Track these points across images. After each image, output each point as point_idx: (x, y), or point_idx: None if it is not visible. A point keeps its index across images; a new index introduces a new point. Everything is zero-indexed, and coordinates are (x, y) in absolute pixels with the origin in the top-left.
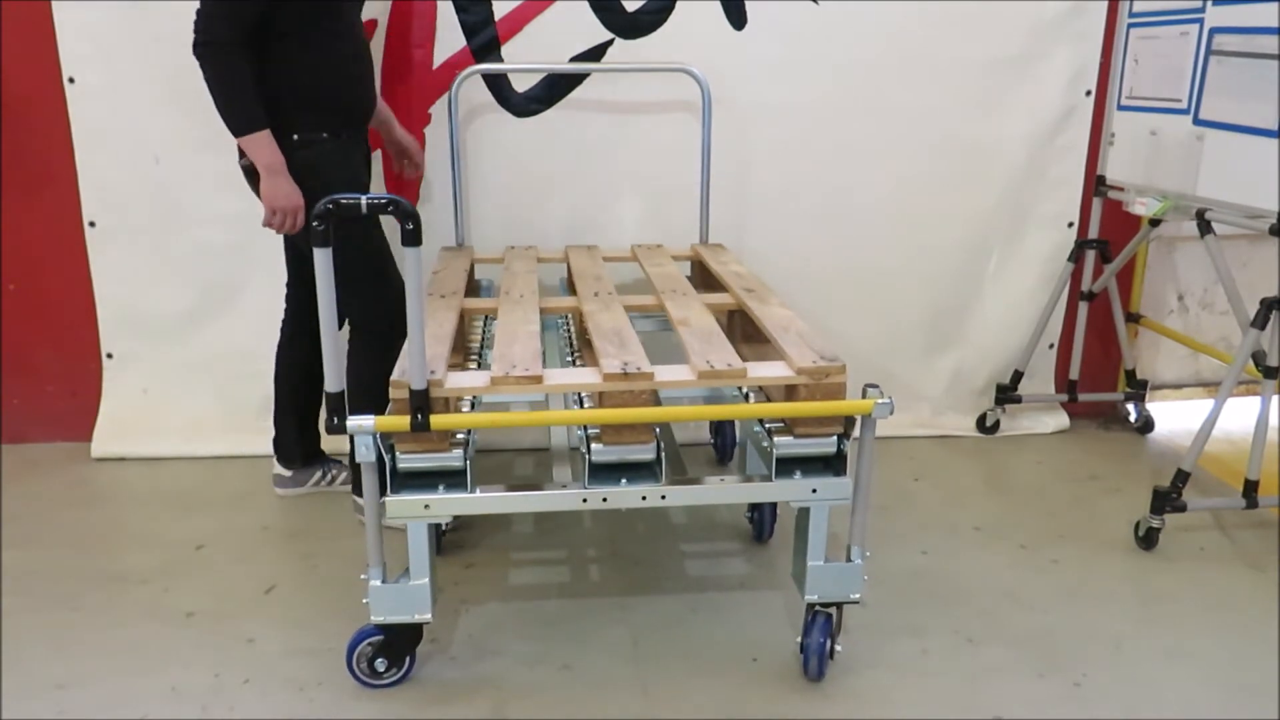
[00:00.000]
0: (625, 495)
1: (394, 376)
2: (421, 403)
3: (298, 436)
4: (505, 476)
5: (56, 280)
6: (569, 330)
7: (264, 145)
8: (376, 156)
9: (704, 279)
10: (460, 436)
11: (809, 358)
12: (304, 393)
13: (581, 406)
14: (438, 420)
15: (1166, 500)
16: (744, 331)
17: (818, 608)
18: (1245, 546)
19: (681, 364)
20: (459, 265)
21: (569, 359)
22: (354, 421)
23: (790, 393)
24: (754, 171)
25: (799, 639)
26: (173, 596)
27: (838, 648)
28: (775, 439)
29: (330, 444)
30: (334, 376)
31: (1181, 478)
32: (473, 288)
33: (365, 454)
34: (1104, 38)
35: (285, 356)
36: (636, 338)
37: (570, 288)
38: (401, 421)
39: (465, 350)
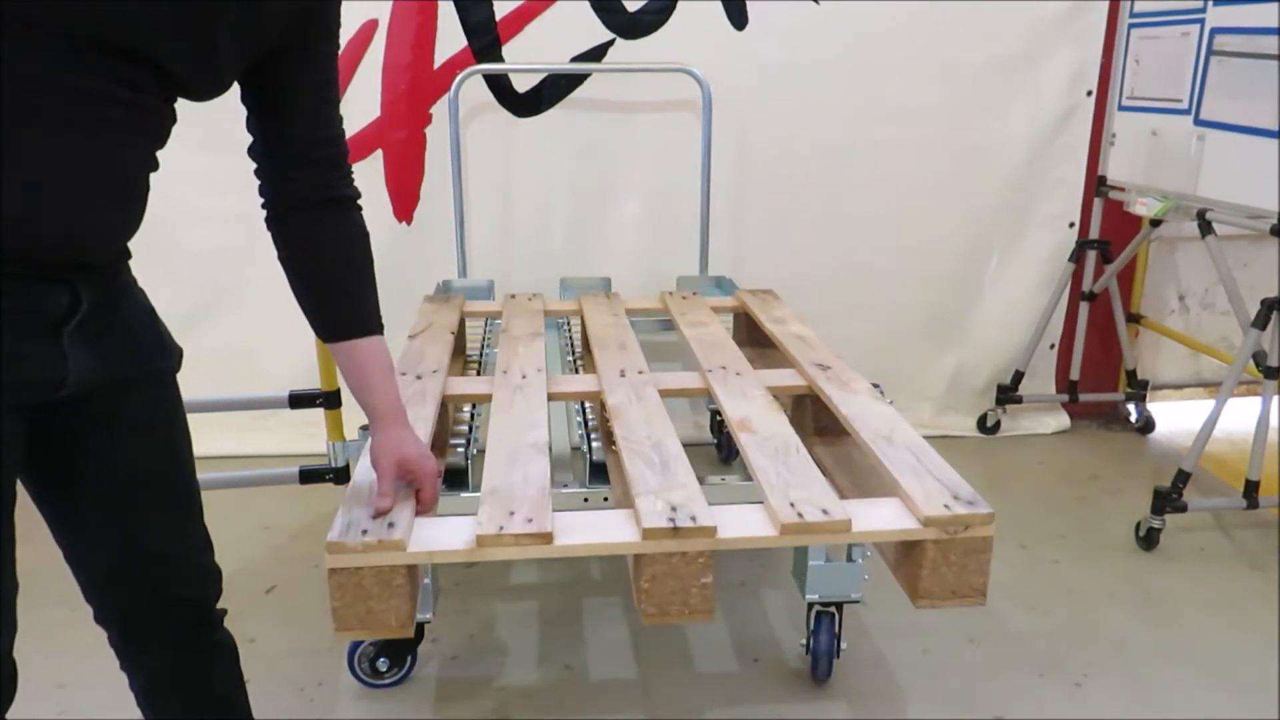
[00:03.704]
0: None
1: (332, 535)
2: None
3: None
4: None
5: None
6: (584, 415)
7: None
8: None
9: (751, 335)
10: (461, 432)
11: (939, 499)
12: None
13: (584, 412)
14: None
15: (1167, 500)
16: (816, 421)
17: (820, 608)
18: (1246, 547)
19: (754, 505)
20: (443, 323)
21: (585, 445)
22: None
23: (911, 548)
24: (754, 171)
25: (803, 640)
26: None
27: (843, 646)
28: None
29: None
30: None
31: (1182, 478)
32: (462, 336)
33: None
34: (1105, 38)
35: None
36: (683, 454)
37: (585, 345)
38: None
39: (448, 449)
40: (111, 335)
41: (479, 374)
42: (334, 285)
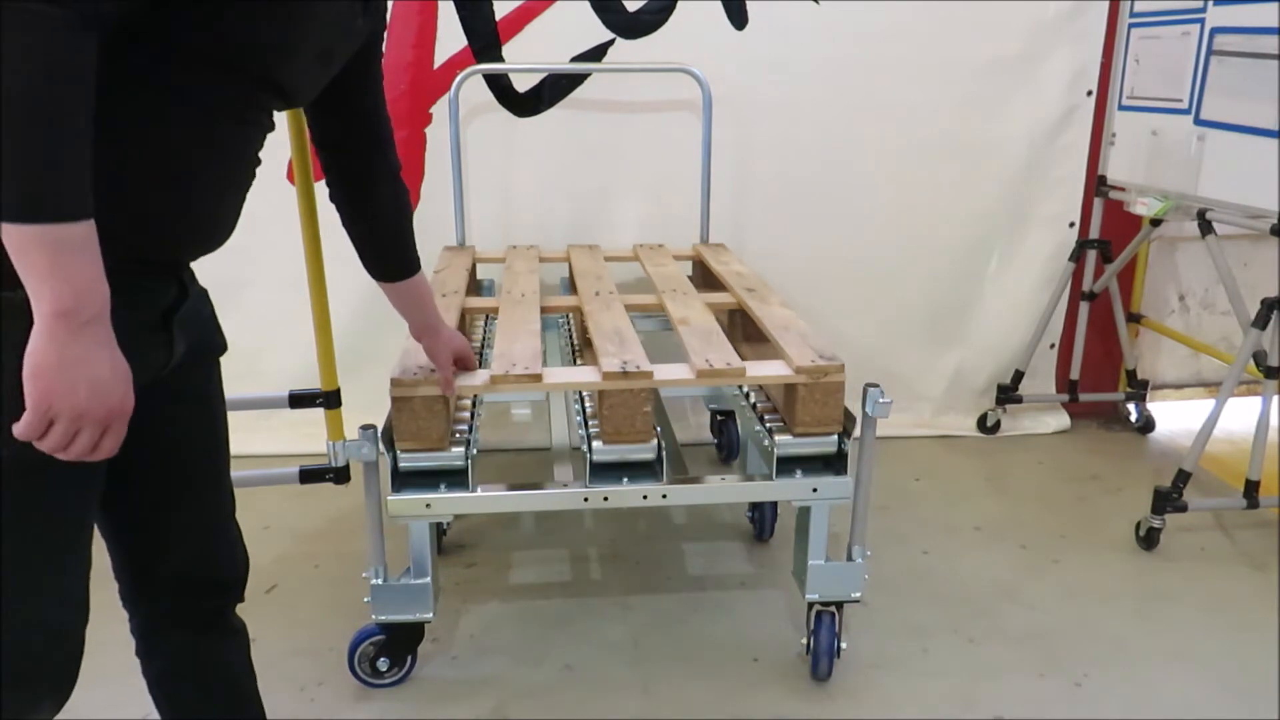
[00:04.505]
0: (626, 494)
1: (394, 375)
2: None
3: None
4: (506, 476)
5: None
6: (570, 330)
7: (76, 255)
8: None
9: (705, 279)
10: (461, 435)
11: (808, 357)
12: None
13: (582, 405)
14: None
15: (1167, 500)
16: (745, 331)
17: (821, 607)
18: (1246, 546)
19: (682, 363)
20: (460, 264)
21: (570, 358)
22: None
23: (789, 392)
24: (755, 171)
25: (803, 639)
26: None
27: (843, 645)
28: (776, 438)
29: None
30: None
31: (1182, 478)
32: (474, 287)
33: (366, 454)
34: (1105, 38)
35: None
36: (636, 337)
37: (572, 287)
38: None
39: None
40: (193, 318)
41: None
42: (399, 242)
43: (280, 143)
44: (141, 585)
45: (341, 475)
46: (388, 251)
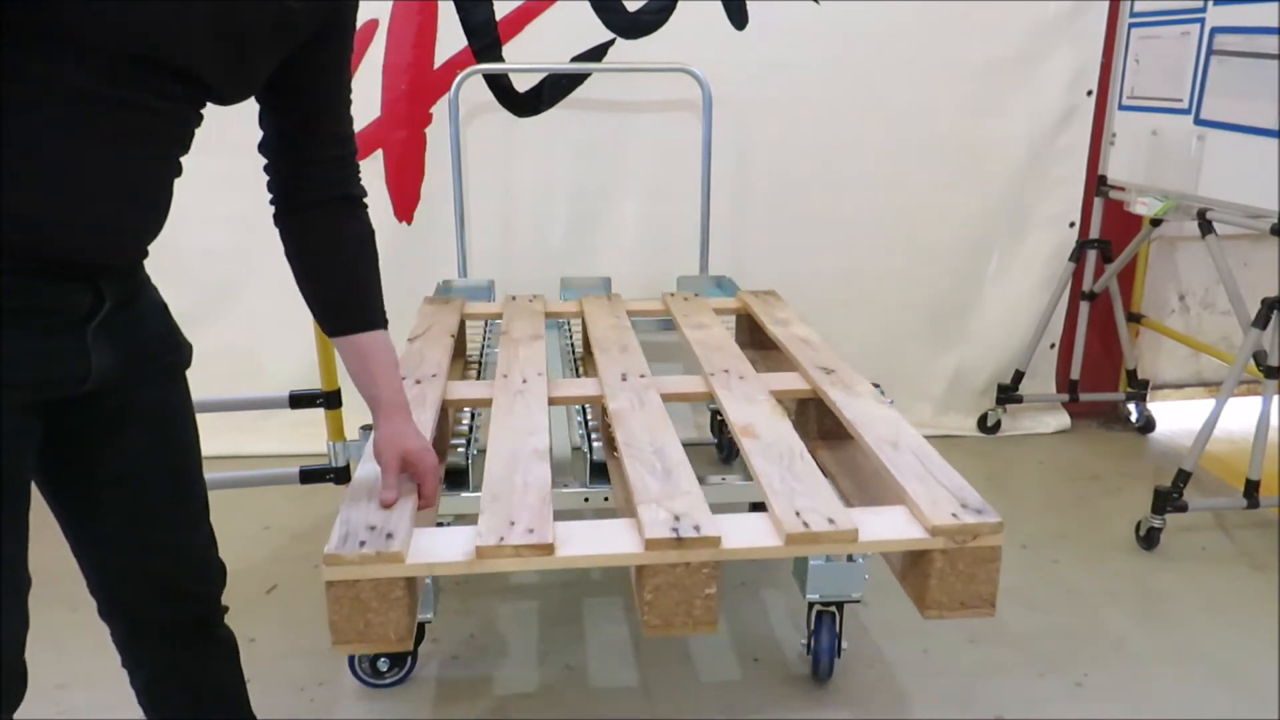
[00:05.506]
0: None
1: (330, 547)
2: None
3: None
4: None
5: None
6: (585, 415)
7: None
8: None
9: (754, 337)
10: (462, 432)
11: (946, 508)
12: None
13: (584, 413)
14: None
15: (1168, 500)
16: (820, 425)
17: (821, 607)
18: (1246, 546)
19: (753, 513)
20: (443, 327)
21: (587, 462)
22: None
23: (917, 558)
24: (755, 171)
25: (803, 639)
26: None
27: (843, 645)
28: None
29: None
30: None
31: (1183, 477)
32: (460, 349)
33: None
34: (1105, 37)
35: None
36: (686, 460)
37: (586, 347)
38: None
39: (450, 449)
40: (130, 331)
41: (479, 376)
42: (341, 281)
43: None
44: (114, 601)
45: (342, 475)
46: (333, 297)
